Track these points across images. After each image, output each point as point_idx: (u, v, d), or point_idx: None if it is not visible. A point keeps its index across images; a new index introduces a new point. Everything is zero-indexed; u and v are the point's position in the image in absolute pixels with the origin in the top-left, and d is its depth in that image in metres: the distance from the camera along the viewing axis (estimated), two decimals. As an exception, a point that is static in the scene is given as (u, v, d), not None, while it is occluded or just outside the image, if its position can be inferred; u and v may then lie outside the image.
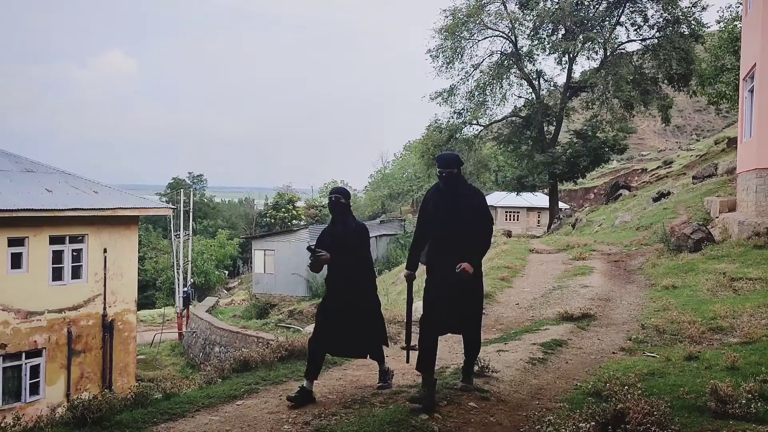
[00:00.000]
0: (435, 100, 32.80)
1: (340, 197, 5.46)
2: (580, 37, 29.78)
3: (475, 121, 33.25)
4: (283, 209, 62.78)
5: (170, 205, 26.26)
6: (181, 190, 40.41)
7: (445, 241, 5.01)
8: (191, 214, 37.26)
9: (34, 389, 15.35)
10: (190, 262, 36.30)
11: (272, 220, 62.25)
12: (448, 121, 32.91)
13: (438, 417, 4.58)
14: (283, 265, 34.88)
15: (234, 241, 55.30)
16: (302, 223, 60.73)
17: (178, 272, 33.37)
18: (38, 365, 15.44)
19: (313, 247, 5.30)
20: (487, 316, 10.03)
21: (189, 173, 68.19)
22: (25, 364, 15.16)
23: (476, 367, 5.84)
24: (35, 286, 15.29)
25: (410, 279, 5.28)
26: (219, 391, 5.01)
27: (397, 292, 18.34)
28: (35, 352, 15.36)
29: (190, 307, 31.65)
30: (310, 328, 16.52)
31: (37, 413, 7.78)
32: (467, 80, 32.54)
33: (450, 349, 7.40)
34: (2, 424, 5.20)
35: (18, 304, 14.96)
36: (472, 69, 32.52)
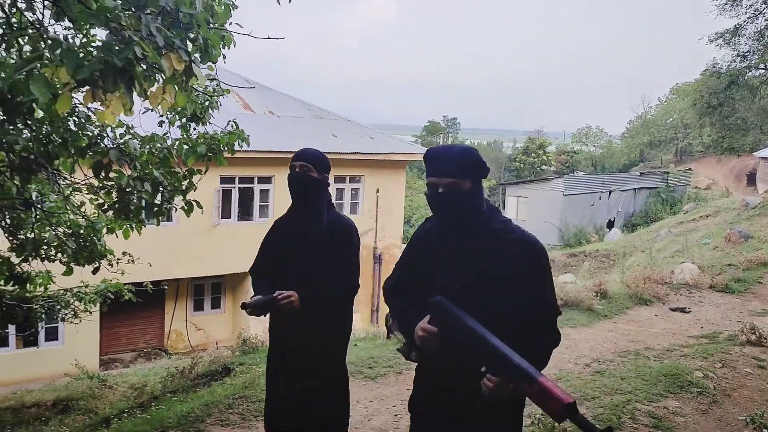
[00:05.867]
0: (715, 41, 29.62)
1: (307, 167, 2.91)
2: None
3: (762, 65, 29.46)
4: (533, 154, 62.16)
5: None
6: (440, 134, 42.50)
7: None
8: (447, 157, 38.89)
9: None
10: (444, 203, 38.11)
11: (521, 165, 62.05)
12: (729, 66, 29.60)
13: (713, 377, 4.84)
14: (535, 212, 35.06)
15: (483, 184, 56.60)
16: (552, 169, 59.69)
17: (432, 211, 35.49)
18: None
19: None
20: (764, 285, 9.53)
21: (443, 116, 70.63)
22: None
23: (753, 336, 5.82)
24: (327, 218, 17.81)
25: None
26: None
27: (657, 250, 17.64)
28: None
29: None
30: (563, 277, 16.83)
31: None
32: (756, 18, 28.75)
33: (723, 316, 7.35)
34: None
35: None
36: (764, 5, 28.61)
